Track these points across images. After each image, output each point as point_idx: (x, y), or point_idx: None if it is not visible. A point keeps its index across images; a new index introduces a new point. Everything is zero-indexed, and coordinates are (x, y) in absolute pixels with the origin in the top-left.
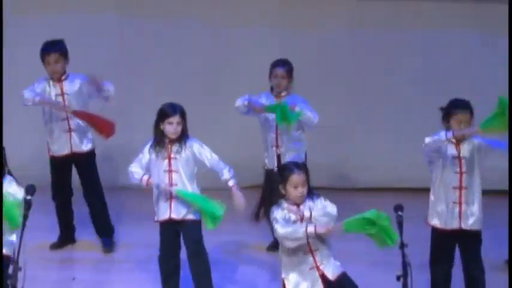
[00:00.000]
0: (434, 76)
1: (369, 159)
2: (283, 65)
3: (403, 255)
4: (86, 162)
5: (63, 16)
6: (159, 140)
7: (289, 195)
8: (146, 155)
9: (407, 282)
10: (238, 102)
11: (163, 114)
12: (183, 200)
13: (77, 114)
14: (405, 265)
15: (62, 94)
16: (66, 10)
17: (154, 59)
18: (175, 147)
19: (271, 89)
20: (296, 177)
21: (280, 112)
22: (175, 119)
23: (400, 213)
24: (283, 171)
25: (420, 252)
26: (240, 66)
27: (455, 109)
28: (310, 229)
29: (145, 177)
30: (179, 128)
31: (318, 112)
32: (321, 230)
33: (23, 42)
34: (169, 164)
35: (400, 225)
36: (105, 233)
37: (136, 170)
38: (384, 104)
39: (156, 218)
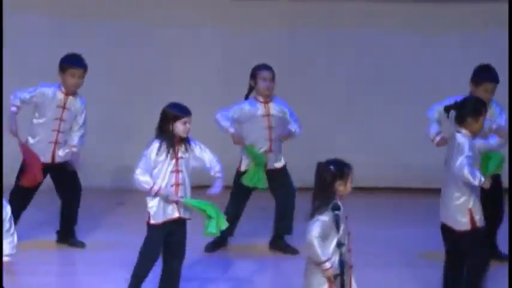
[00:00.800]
0: (370, 75)
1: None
2: (270, 68)
3: (340, 254)
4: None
5: None
6: (170, 141)
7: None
8: (153, 157)
9: (344, 280)
10: (222, 123)
11: (176, 115)
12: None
13: (22, 147)
14: (342, 264)
15: (64, 107)
16: None
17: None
18: (182, 147)
19: (249, 91)
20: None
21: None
22: (189, 119)
23: (337, 212)
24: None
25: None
26: (176, 68)
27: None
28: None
29: (156, 188)
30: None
31: None
32: None
33: None
34: (177, 164)
35: (337, 224)
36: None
37: (145, 179)
38: (323, 104)
39: (152, 220)
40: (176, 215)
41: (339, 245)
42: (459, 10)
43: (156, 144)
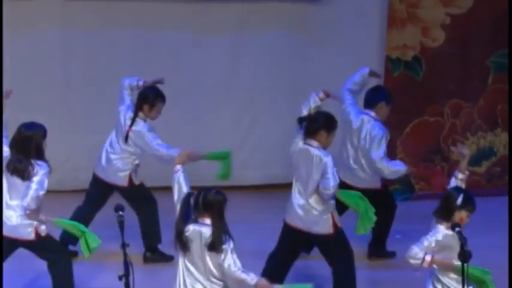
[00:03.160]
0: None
1: None
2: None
3: (125, 255)
4: None
5: None
6: None
7: None
8: None
9: (129, 281)
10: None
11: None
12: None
13: None
14: (127, 265)
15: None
16: None
17: None
18: None
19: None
20: None
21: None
22: None
23: (121, 213)
24: None
25: None
26: None
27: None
28: None
29: None
30: None
31: None
32: None
33: None
34: None
35: (120, 224)
36: None
37: None
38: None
39: None
40: None
41: (124, 245)
42: (233, 10)
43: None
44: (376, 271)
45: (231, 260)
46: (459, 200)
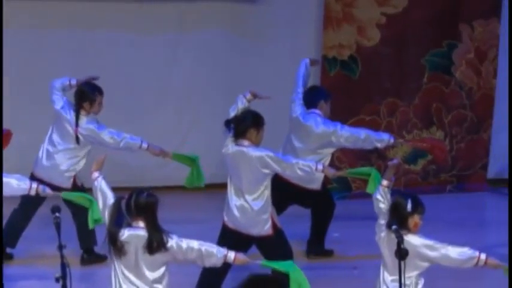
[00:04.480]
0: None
1: None
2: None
3: (62, 257)
4: None
5: None
6: None
7: None
8: None
9: (66, 283)
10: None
11: None
12: None
13: None
14: (64, 266)
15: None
16: None
17: None
18: None
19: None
20: None
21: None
22: None
23: (57, 214)
24: None
25: None
26: None
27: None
28: None
29: None
30: None
31: None
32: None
33: None
34: None
35: (57, 226)
36: None
37: None
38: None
39: None
40: None
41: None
42: (171, 9)
43: None
44: (315, 269)
45: (185, 244)
46: (409, 206)
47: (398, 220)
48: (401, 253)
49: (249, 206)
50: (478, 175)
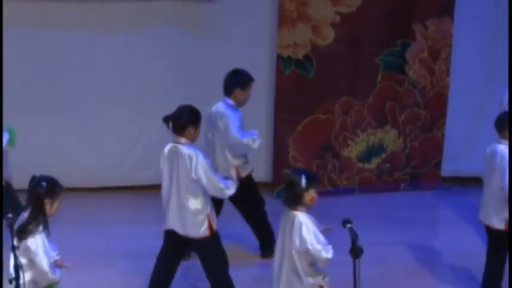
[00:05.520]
0: (35, 75)
1: None
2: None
3: (15, 257)
4: None
5: None
6: None
7: None
8: None
9: (19, 284)
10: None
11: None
12: None
13: None
14: (17, 268)
15: None
16: None
17: None
18: None
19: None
20: None
21: None
22: None
23: (10, 215)
24: None
25: None
26: None
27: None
28: None
29: None
30: None
31: None
32: None
33: None
34: None
35: (10, 227)
36: None
37: None
38: None
39: None
40: None
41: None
42: (125, 8)
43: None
44: (267, 268)
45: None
46: (303, 182)
47: (295, 197)
48: (356, 251)
49: (187, 207)
50: (432, 173)
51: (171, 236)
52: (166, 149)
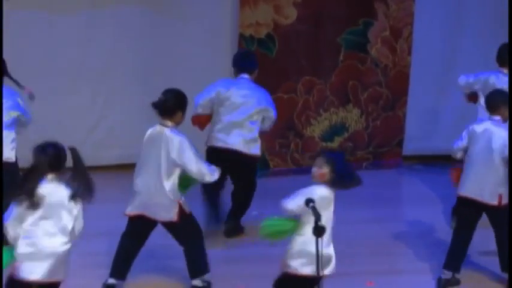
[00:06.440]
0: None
1: None
2: None
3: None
4: None
5: None
6: None
7: None
8: None
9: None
10: None
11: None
12: None
13: None
14: None
15: None
16: None
17: None
18: None
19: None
20: None
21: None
22: None
23: None
24: None
25: None
26: None
27: None
28: None
29: None
30: None
31: None
32: None
33: None
34: None
35: None
36: None
37: None
38: None
39: None
40: None
41: None
42: None
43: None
44: (233, 249)
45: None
46: None
47: None
48: (319, 230)
49: (161, 189)
50: (394, 152)
51: (138, 218)
52: (151, 130)
